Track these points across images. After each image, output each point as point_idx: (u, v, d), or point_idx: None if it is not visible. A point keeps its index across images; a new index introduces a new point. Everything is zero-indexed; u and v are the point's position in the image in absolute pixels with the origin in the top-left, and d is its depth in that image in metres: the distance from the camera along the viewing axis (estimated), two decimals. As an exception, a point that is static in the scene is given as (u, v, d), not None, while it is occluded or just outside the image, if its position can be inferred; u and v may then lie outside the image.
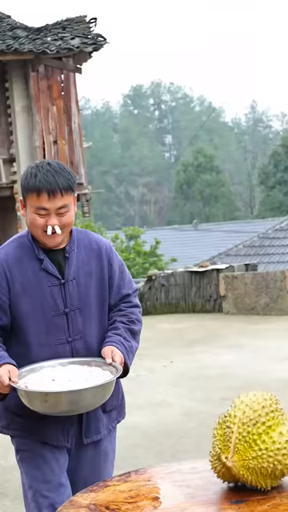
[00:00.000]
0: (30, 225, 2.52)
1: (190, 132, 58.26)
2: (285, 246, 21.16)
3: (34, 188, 2.45)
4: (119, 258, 2.72)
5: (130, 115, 67.21)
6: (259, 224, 31.72)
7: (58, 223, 2.47)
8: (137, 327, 2.67)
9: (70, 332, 2.55)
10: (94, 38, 14.93)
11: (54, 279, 2.54)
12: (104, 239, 2.72)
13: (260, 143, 61.24)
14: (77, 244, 2.61)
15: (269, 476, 1.81)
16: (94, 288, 2.60)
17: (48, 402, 2.26)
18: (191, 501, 1.81)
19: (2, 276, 2.51)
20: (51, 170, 2.48)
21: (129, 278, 2.73)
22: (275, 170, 41.05)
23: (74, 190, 2.52)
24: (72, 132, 15.30)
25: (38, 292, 2.52)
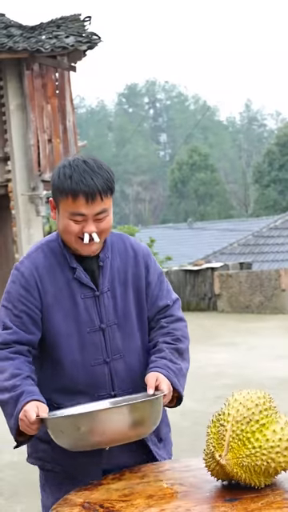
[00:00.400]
0: (62, 231, 2.23)
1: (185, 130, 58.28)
2: (279, 245, 21.19)
3: (70, 191, 2.15)
4: (158, 266, 2.43)
5: (124, 114, 67.17)
6: (254, 222, 31.76)
7: (95, 230, 2.19)
8: (183, 345, 2.36)
9: (107, 351, 2.27)
10: (89, 36, 14.92)
11: (88, 290, 2.26)
12: (141, 244, 2.43)
13: (255, 142, 61.30)
14: (111, 250, 2.33)
15: (262, 474, 1.81)
16: (131, 300, 2.32)
17: (81, 430, 1.92)
18: (185, 499, 1.82)
19: (33, 287, 2.24)
20: (88, 170, 2.17)
21: (168, 287, 2.42)
22: (270, 168, 41.09)
23: (113, 191, 2.24)
24: (66, 130, 15.29)
25: (70, 305, 2.25)
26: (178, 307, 2.41)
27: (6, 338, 2.21)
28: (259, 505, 1.75)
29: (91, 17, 15.40)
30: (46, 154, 15.00)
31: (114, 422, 1.92)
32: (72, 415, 2.01)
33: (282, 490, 1.84)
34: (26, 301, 2.23)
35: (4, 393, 2.14)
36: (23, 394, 2.10)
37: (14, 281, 2.27)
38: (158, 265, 2.44)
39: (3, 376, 2.16)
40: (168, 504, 1.79)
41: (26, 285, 2.24)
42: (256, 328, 12.01)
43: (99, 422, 1.92)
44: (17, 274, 2.27)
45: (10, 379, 2.14)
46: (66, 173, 2.17)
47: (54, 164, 15.12)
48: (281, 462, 1.81)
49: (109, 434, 1.92)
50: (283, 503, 1.75)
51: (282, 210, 35.39)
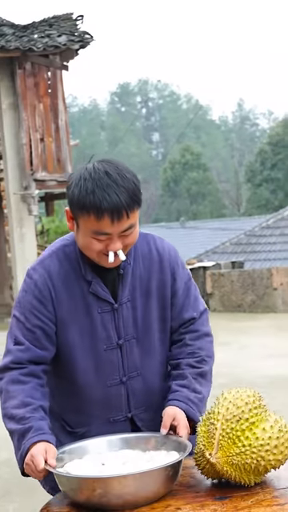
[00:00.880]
0: (82, 247, 2.00)
1: (177, 130, 58.30)
2: (271, 244, 21.23)
3: (92, 210, 1.90)
4: (186, 271, 2.19)
5: (117, 113, 67.14)
6: (246, 222, 31.80)
7: (121, 247, 1.97)
8: (208, 366, 2.16)
9: (124, 369, 2.10)
10: (81, 35, 14.92)
11: (106, 304, 2.06)
12: (168, 245, 2.19)
13: (247, 141, 61.37)
14: (134, 254, 2.10)
15: (252, 472, 1.82)
16: (154, 310, 2.12)
17: (97, 491, 1.75)
18: (175, 497, 1.82)
19: (47, 298, 2.04)
20: (112, 185, 1.91)
21: (195, 296, 2.20)
22: (262, 167, 41.15)
23: (140, 202, 1.98)
24: (59, 129, 15.28)
25: (86, 319, 2.05)
26: (205, 320, 2.20)
27: (18, 357, 2.03)
28: (249, 503, 1.76)
29: (83, 16, 15.40)
30: (38, 153, 14.98)
31: (138, 487, 1.76)
32: (87, 477, 1.79)
33: (271, 488, 1.84)
34: (40, 313, 2.04)
35: (11, 422, 1.98)
36: (31, 430, 1.92)
37: (26, 290, 2.06)
38: (186, 268, 2.21)
39: (13, 403, 1.99)
40: (158, 503, 1.79)
41: (39, 296, 2.04)
42: (248, 327, 12.03)
43: (120, 485, 1.74)
44: (30, 282, 2.06)
45: (20, 408, 1.97)
46: (88, 187, 1.91)
47: (46, 163, 15.11)
48: (270, 460, 1.82)
49: (126, 497, 1.75)
50: (273, 501, 1.76)
51: (274, 209, 35.45)
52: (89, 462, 1.94)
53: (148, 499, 1.78)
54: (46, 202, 17.26)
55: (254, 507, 1.73)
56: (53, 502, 1.90)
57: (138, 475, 1.75)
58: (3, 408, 2.02)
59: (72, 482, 1.80)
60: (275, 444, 1.83)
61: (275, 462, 1.83)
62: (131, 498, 1.75)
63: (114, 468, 1.87)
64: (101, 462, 1.92)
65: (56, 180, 15.51)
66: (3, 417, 2.02)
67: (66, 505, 1.85)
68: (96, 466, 1.89)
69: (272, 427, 1.84)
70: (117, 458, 1.95)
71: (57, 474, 1.85)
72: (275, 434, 1.83)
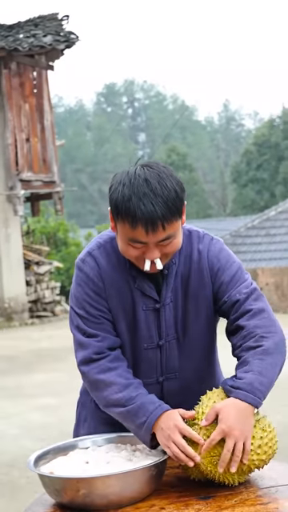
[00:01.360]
0: (121, 250, 1.96)
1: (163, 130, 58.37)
2: (257, 244, 21.29)
3: (127, 217, 1.86)
4: (230, 262, 2.08)
5: (103, 113, 67.10)
6: (232, 222, 31.88)
7: (159, 255, 1.90)
8: (270, 341, 1.94)
9: (162, 369, 2.08)
10: (67, 35, 14.90)
11: (151, 301, 2.02)
12: (210, 241, 2.09)
13: (233, 141, 61.53)
14: (179, 253, 2.04)
15: (236, 472, 1.83)
16: (193, 312, 2.07)
17: (81, 492, 1.75)
18: (159, 497, 1.82)
19: (102, 289, 2.01)
20: (149, 194, 1.83)
21: (244, 279, 2.07)
22: (248, 168, 41.26)
23: (181, 213, 1.91)
24: (44, 129, 15.25)
25: (132, 315, 2.02)
26: (254, 298, 2.03)
27: (98, 346, 1.99)
28: (233, 502, 1.76)
29: (69, 16, 15.38)
30: (23, 153, 14.94)
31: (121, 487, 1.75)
32: (72, 478, 1.77)
33: (255, 488, 1.85)
34: (99, 304, 2.01)
35: (118, 407, 1.95)
36: (144, 406, 1.90)
37: (80, 284, 2.03)
38: (233, 258, 2.09)
39: (112, 389, 1.95)
40: (142, 502, 1.79)
41: (94, 287, 2.01)
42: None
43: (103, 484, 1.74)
44: (82, 276, 2.03)
45: (122, 391, 1.94)
46: (125, 194, 1.85)
47: (31, 163, 15.07)
48: (254, 460, 1.83)
49: (110, 497, 1.75)
50: (256, 500, 1.77)
51: (259, 210, 35.56)
52: (73, 460, 1.93)
53: (132, 499, 1.78)
54: (31, 202, 17.23)
55: (237, 506, 1.74)
56: (37, 502, 1.90)
57: (121, 475, 1.75)
58: (103, 398, 1.98)
59: (55, 482, 1.79)
60: (258, 444, 1.83)
61: (259, 462, 1.84)
62: (115, 498, 1.75)
63: (97, 467, 1.86)
64: (85, 461, 1.91)
65: (42, 180, 15.47)
66: (106, 407, 1.99)
67: (50, 505, 1.85)
68: (80, 465, 1.89)
69: (255, 427, 1.85)
70: (101, 456, 1.94)
71: (40, 475, 1.84)
72: (258, 434, 1.84)
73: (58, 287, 17.15)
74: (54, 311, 16.49)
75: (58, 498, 1.81)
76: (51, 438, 5.72)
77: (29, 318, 15.64)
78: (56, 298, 16.92)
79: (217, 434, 1.80)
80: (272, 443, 1.87)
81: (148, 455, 1.93)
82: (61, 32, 14.90)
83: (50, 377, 8.75)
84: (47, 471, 1.85)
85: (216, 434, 1.80)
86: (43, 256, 17.59)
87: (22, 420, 6.69)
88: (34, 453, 1.95)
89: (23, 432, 6.26)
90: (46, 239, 20.30)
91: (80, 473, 1.83)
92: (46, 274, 16.69)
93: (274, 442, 1.89)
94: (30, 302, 16.04)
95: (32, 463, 1.88)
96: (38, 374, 9.08)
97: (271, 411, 2.07)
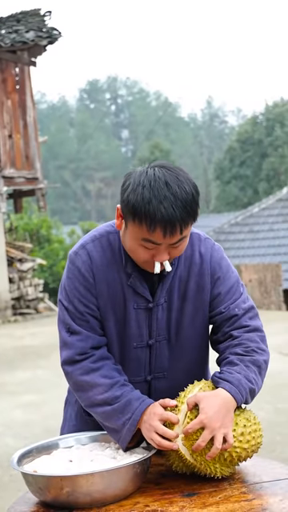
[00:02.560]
0: (129, 250, 1.95)
1: (147, 127, 58.36)
2: (240, 241, 21.36)
3: (145, 220, 1.84)
4: (231, 272, 2.08)
5: (86, 109, 66.96)
6: (215, 218, 31.96)
7: (168, 258, 1.91)
8: (261, 357, 1.96)
9: (151, 368, 2.06)
10: (49, 31, 14.84)
11: (143, 301, 2.01)
12: (212, 246, 2.09)
13: (216, 138, 61.67)
14: (177, 258, 2.03)
15: (218, 460, 1.83)
16: (189, 315, 2.05)
17: (64, 490, 1.74)
18: (143, 494, 1.82)
19: (92, 284, 2.00)
20: (170, 197, 1.83)
21: (240, 293, 2.07)
22: (231, 164, 41.37)
23: (196, 216, 1.91)
24: (27, 126, 15.19)
25: (122, 313, 2.01)
26: (251, 316, 2.04)
27: (81, 347, 1.98)
28: (217, 499, 1.76)
29: (51, 11, 15.31)
30: (6, 150, 14.87)
31: (106, 485, 1.75)
32: (55, 476, 1.76)
33: (239, 484, 1.85)
34: (87, 301, 1.99)
35: (103, 406, 1.94)
36: (131, 402, 1.91)
37: (70, 277, 2.01)
38: (233, 269, 2.10)
39: (96, 390, 1.94)
40: (126, 500, 1.79)
41: (84, 283, 1.99)
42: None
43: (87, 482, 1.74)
44: (73, 269, 2.01)
45: (107, 391, 1.93)
46: (145, 196, 1.83)
47: (14, 160, 15.00)
48: (236, 447, 1.83)
49: (94, 495, 1.74)
50: (241, 497, 1.77)
51: (242, 206, 35.69)
52: (57, 458, 1.92)
53: (116, 497, 1.78)
54: (14, 199, 17.14)
55: (222, 503, 1.73)
56: (20, 500, 1.88)
57: (105, 473, 1.75)
58: (87, 398, 1.97)
59: (39, 480, 1.78)
60: (241, 431, 1.84)
61: (241, 451, 1.84)
62: (99, 496, 1.74)
63: (81, 465, 1.85)
64: (68, 459, 1.90)
65: (24, 177, 15.40)
66: (90, 407, 1.97)
67: (33, 503, 1.84)
68: (64, 463, 1.88)
69: (238, 415, 1.86)
70: (85, 454, 1.93)
71: (24, 473, 1.83)
72: (242, 422, 1.85)
73: (41, 284, 17.09)
74: (37, 308, 16.43)
75: (42, 497, 1.80)
76: (34, 436, 5.70)
77: (12, 316, 15.58)
78: (39, 295, 16.86)
79: (196, 423, 1.80)
80: (256, 435, 1.87)
81: (132, 453, 1.93)
82: (43, 28, 14.83)
83: (33, 374, 8.72)
84: (31, 470, 1.84)
85: (195, 423, 1.80)
86: (26, 253, 17.52)
87: (5, 418, 6.66)
88: (17, 451, 1.94)
89: (6, 430, 6.23)
90: (28, 236, 20.22)
91: (64, 471, 1.82)
92: (29, 271, 16.63)
93: (259, 434, 1.89)
94: (13, 300, 15.97)
95: (15, 462, 1.87)
96: (21, 371, 9.05)
97: (254, 408, 2.08)
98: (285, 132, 39.36)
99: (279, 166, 38.82)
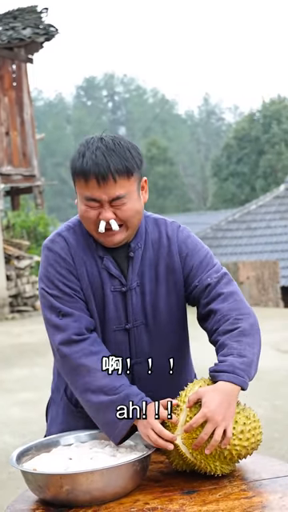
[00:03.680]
0: (81, 217, 1.99)
1: (144, 124, 58.31)
2: (237, 238, 21.36)
3: (80, 172, 1.92)
4: (199, 247, 2.09)
5: (83, 106, 66.88)
6: (212, 216, 31.95)
7: (113, 217, 1.93)
8: (245, 323, 1.96)
9: (131, 353, 2.06)
10: (46, 28, 14.81)
11: (118, 283, 2.03)
12: (180, 228, 2.12)
13: (213, 135, 61.63)
14: (145, 240, 2.06)
15: (218, 458, 1.83)
16: (163, 297, 2.06)
17: (64, 488, 1.74)
18: (143, 492, 1.82)
19: (73, 268, 2.01)
20: (102, 147, 1.91)
21: (213, 264, 2.08)
22: (228, 162, 41.35)
23: (133, 173, 1.93)
24: (24, 123, 15.16)
25: (100, 296, 2.02)
26: (225, 282, 2.04)
27: (76, 327, 1.97)
28: (217, 496, 1.76)
29: (48, 8, 15.28)
30: (3, 147, 14.85)
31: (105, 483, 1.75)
32: (55, 474, 1.76)
33: (239, 482, 1.85)
34: (72, 283, 2.00)
35: (99, 394, 1.91)
36: (130, 396, 1.88)
37: (51, 263, 2.01)
38: (201, 244, 2.11)
39: (95, 376, 1.92)
40: (126, 498, 1.78)
41: (66, 266, 2.01)
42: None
43: (87, 480, 1.73)
44: (52, 255, 2.02)
45: (105, 378, 1.91)
46: (80, 151, 1.94)
47: (11, 157, 14.98)
48: (235, 445, 1.83)
49: (94, 493, 1.74)
50: (241, 494, 1.77)
51: (240, 204, 35.68)
52: (56, 456, 1.92)
53: (116, 494, 1.77)
54: (11, 196, 17.12)
55: (222, 500, 1.73)
56: (19, 498, 1.88)
57: (105, 471, 1.74)
58: (83, 384, 1.94)
59: (38, 479, 1.78)
60: (241, 429, 1.84)
61: (240, 449, 1.84)
62: (99, 494, 1.74)
63: (81, 463, 1.85)
64: (68, 457, 1.90)
65: (21, 174, 15.39)
66: (84, 394, 1.95)
67: (33, 502, 1.84)
68: (63, 461, 1.87)
69: (239, 413, 1.86)
70: (84, 452, 1.92)
71: (23, 471, 1.82)
72: (242, 420, 1.85)
73: (38, 282, 17.07)
74: (34, 306, 16.42)
75: (42, 495, 1.80)
76: (32, 434, 5.69)
77: (9, 313, 15.57)
78: (37, 292, 16.85)
79: (199, 417, 1.80)
80: (256, 432, 1.87)
81: (132, 451, 1.92)
82: (40, 25, 14.80)
83: (31, 372, 8.71)
84: (30, 468, 1.84)
85: (198, 417, 1.80)
86: (23, 250, 17.50)
87: (2, 415, 6.65)
88: (16, 449, 1.94)
89: (3, 427, 6.23)
90: (26, 233, 20.19)
91: (63, 469, 1.82)
92: (27, 269, 16.61)
93: (258, 432, 1.89)
94: (11, 297, 15.96)
95: (14, 460, 1.87)
96: (18, 368, 9.04)
97: (252, 405, 2.07)
98: (282, 129, 39.35)
99: (276, 163, 38.82)
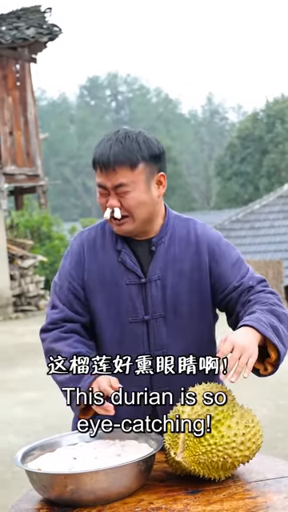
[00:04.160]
0: (98, 203, 2.12)
1: (147, 123, 58.27)
2: (241, 238, 21.34)
3: (92, 161, 2.06)
4: (233, 252, 2.15)
5: (86, 106, 66.88)
6: (216, 215, 31.93)
7: (117, 205, 2.02)
8: (280, 309, 2.00)
9: (150, 345, 2.08)
10: (50, 27, 14.82)
11: (135, 276, 2.08)
12: (211, 231, 2.17)
13: (216, 135, 61.59)
14: (170, 235, 2.12)
15: (220, 469, 1.82)
16: (186, 292, 2.09)
17: (69, 487, 1.75)
18: (147, 492, 1.82)
19: (79, 263, 2.13)
20: (112, 139, 2.02)
21: (247, 268, 2.14)
22: (231, 161, 41.31)
23: (137, 164, 2.00)
24: (28, 123, 15.17)
25: (114, 289, 2.09)
26: (266, 285, 2.11)
27: (53, 318, 2.14)
28: (221, 496, 1.76)
29: (52, 8, 15.29)
30: (7, 147, 14.87)
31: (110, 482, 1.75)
32: (60, 474, 1.76)
33: (243, 482, 1.85)
34: (72, 279, 2.14)
35: (61, 375, 2.00)
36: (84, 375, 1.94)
37: (66, 256, 2.19)
38: (234, 248, 2.17)
39: (60, 357, 1.99)
40: (130, 498, 1.78)
41: (76, 258, 2.15)
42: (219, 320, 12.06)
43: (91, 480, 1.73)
44: (69, 249, 2.20)
45: (68, 360, 1.96)
46: (99, 142, 2.07)
47: (15, 156, 14.99)
48: (237, 457, 1.81)
49: (98, 492, 1.74)
50: (245, 494, 1.77)
51: (243, 203, 35.64)
52: (61, 456, 1.92)
53: (120, 494, 1.77)
54: (15, 196, 17.13)
55: (226, 500, 1.73)
56: (24, 498, 1.88)
57: (109, 470, 1.75)
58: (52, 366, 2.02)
59: (43, 478, 1.78)
60: (241, 440, 1.81)
61: (242, 458, 1.83)
62: (103, 494, 1.74)
63: (85, 462, 1.84)
64: (72, 457, 1.90)
65: (25, 174, 15.39)
66: (52, 374, 2.02)
67: (37, 501, 1.84)
68: (68, 461, 1.87)
69: (238, 423, 1.82)
70: (89, 452, 1.92)
71: (27, 471, 1.82)
72: (241, 431, 1.82)
73: (42, 281, 17.08)
74: (38, 305, 16.43)
75: (46, 494, 1.80)
76: (36, 433, 5.70)
77: (13, 313, 15.58)
78: (40, 292, 16.86)
79: (227, 344, 1.81)
80: (256, 438, 1.86)
81: (137, 450, 1.92)
82: (44, 24, 14.80)
83: (34, 371, 8.72)
84: (35, 467, 1.84)
85: (226, 345, 1.81)
86: (27, 250, 17.52)
87: (6, 415, 6.66)
88: (20, 449, 1.94)
89: (7, 427, 6.24)
90: (29, 233, 20.22)
91: (68, 469, 1.82)
92: (30, 268, 16.63)
93: (258, 436, 1.87)
94: (14, 296, 15.97)
95: (19, 459, 1.87)
96: (22, 368, 9.05)
97: (256, 405, 2.07)
98: (285, 128, 39.31)
99: (280, 163, 38.77)
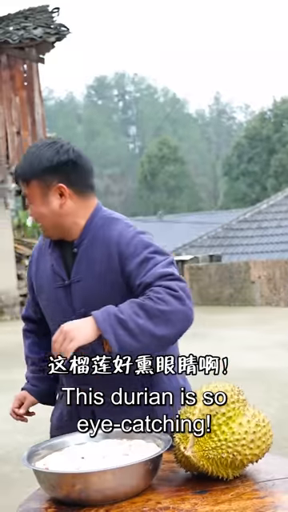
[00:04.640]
0: None
1: (155, 123, 58.28)
2: (248, 237, 21.32)
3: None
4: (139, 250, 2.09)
5: (93, 106, 66.94)
6: (223, 215, 31.90)
7: (31, 214, 2.19)
8: (155, 304, 1.94)
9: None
10: (57, 27, 14.83)
11: (60, 279, 2.21)
12: (125, 231, 2.14)
13: (224, 134, 61.53)
14: (92, 237, 2.16)
15: (229, 466, 1.81)
16: (104, 294, 2.11)
17: (77, 487, 1.74)
18: (155, 491, 1.81)
19: (30, 267, 2.38)
20: (28, 152, 2.15)
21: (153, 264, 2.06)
22: (239, 161, 41.28)
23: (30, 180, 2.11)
24: (35, 123, 15.19)
25: (49, 292, 2.25)
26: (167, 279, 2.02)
27: (23, 314, 2.51)
28: (229, 496, 1.75)
29: (59, 8, 15.31)
30: (14, 147, 14.89)
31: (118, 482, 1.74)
32: (67, 473, 1.76)
33: (251, 482, 1.84)
34: (29, 281, 2.40)
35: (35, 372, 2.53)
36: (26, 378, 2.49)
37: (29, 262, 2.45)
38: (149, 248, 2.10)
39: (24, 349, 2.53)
40: (138, 497, 1.78)
41: (29, 265, 2.40)
42: (226, 320, 12.07)
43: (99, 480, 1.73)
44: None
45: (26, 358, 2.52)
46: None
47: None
48: (247, 455, 1.81)
49: (106, 492, 1.74)
50: (253, 494, 1.76)
51: (251, 203, 35.61)
52: (68, 455, 1.92)
53: (128, 494, 1.77)
54: (22, 195, 17.15)
55: (234, 500, 1.73)
56: (32, 497, 1.88)
57: (117, 470, 1.74)
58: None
59: (51, 478, 1.78)
60: (252, 439, 1.82)
61: (252, 457, 1.83)
62: (111, 493, 1.74)
63: (93, 462, 1.84)
64: (80, 456, 1.89)
65: (33, 173, 15.41)
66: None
67: (45, 500, 1.84)
68: (76, 460, 1.87)
69: (249, 422, 1.83)
70: (97, 451, 1.93)
71: (35, 470, 1.82)
72: (252, 429, 1.82)
73: (49, 281, 17.09)
74: (45, 305, 16.46)
75: (54, 494, 1.80)
76: (44, 433, 5.69)
77: (20, 312, 15.61)
78: (47, 291, 16.87)
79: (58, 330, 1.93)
80: (266, 438, 1.86)
81: (144, 450, 1.92)
82: (51, 24, 14.82)
83: (42, 370, 8.72)
84: (42, 467, 1.84)
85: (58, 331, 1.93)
86: (34, 249, 17.52)
87: (15, 414, 6.66)
88: (28, 448, 1.94)
89: (15, 426, 6.24)
90: (37, 233, 20.24)
91: (75, 468, 1.82)
92: (38, 268, 16.63)
93: (269, 436, 1.87)
94: (22, 296, 16.00)
95: (26, 458, 1.87)
96: (30, 367, 9.05)
97: (263, 404, 2.07)
98: (293, 128, 39.22)
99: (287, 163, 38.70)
